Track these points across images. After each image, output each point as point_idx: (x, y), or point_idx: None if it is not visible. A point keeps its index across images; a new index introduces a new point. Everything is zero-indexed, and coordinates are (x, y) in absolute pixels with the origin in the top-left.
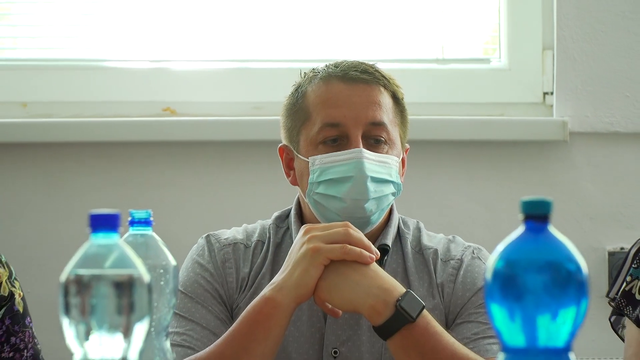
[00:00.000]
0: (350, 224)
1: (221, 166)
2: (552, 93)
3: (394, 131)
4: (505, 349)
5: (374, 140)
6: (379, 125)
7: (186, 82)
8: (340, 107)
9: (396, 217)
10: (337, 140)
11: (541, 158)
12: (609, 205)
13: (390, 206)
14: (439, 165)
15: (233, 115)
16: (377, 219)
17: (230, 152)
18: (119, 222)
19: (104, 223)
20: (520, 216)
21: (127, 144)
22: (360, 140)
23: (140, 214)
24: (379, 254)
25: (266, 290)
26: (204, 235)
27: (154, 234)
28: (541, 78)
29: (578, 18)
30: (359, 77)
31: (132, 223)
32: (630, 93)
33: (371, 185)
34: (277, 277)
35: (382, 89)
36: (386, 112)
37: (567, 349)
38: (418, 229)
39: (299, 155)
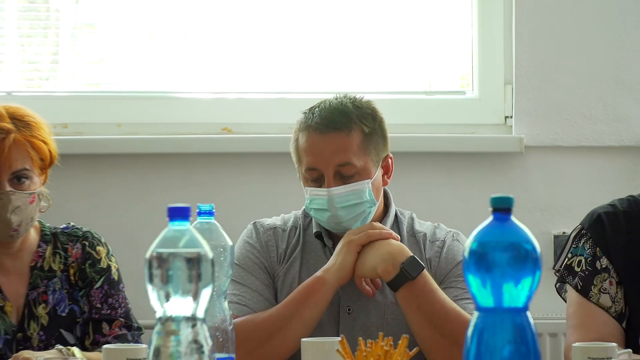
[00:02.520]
0: (374, 223)
1: (266, 172)
2: (511, 117)
3: (362, 162)
4: (478, 308)
5: (344, 176)
6: (345, 165)
7: (239, 108)
8: (316, 156)
9: (393, 209)
10: (317, 179)
11: (504, 166)
12: (554, 200)
13: (384, 200)
14: (426, 171)
15: (274, 133)
16: (361, 224)
17: (273, 161)
18: (190, 213)
19: (179, 214)
20: (489, 209)
21: (195, 155)
22: (332, 179)
23: (205, 207)
24: (398, 236)
25: (318, 272)
26: (252, 222)
27: (216, 222)
28: (503, 105)
29: (530, 61)
30: (327, 130)
31: (200, 214)
32: (569, 117)
33: (342, 213)
34: (326, 264)
35: (346, 136)
36: (352, 152)
37: (525, 308)
38: (411, 218)
39: (301, 181)
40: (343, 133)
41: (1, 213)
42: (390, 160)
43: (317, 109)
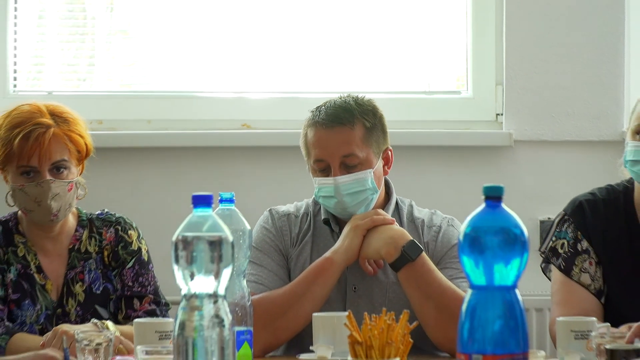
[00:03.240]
0: (379, 210)
1: (281, 164)
2: (502, 114)
3: (364, 153)
4: (472, 286)
5: (348, 166)
6: (349, 156)
7: (257, 106)
8: (322, 149)
9: (394, 197)
10: (325, 169)
11: (495, 158)
12: (540, 189)
13: (386, 189)
14: (425, 163)
15: (288, 129)
16: (365, 210)
17: (287, 154)
18: (212, 200)
19: (202, 201)
20: (482, 197)
21: (217, 148)
22: (338, 169)
23: (226, 195)
24: (394, 220)
25: (327, 253)
26: (268, 209)
27: (235, 209)
28: (494, 104)
29: (519, 64)
30: (332, 124)
31: (221, 201)
32: (554, 114)
33: (347, 199)
34: (334, 246)
35: (350, 130)
36: (355, 144)
37: (514, 286)
38: (411, 206)
39: (310, 172)
40: (347, 127)
41: (42, 200)
42: (390, 153)
43: (323, 107)
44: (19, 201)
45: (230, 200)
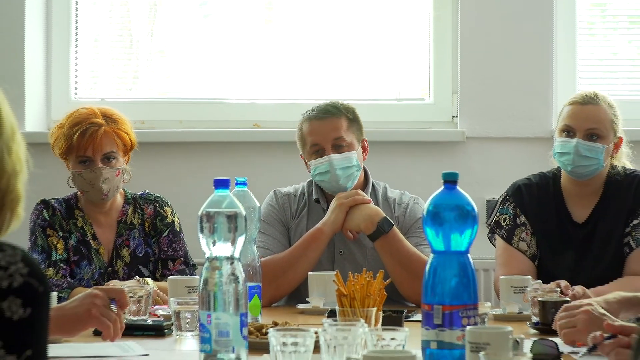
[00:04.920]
0: (358, 190)
1: (284, 155)
2: (457, 116)
3: (349, 138)
4: (433, 251)
5: (338, 146)
6: (338, 139)
7: (265, 109)
8: (317, 135)
9: (371, 181)
10: (319, 151)
11: (451, 151)
12: (486, 175)
13: (363, 174)
14: (396, 155)
15: (291, 128)
16: (352, 185)
17: (289, 148)
18: (229, 184)
19: (221, 184)
20: (441, 181)
21: (234, 143)
22: (331, 150)
23: (240, 179)
24: (370, 200)
25: (318, 224)
26: (273, 190)
27: (248, 190)
28: (451, 108)
29: (470, 76)
30: (324, 116)
31: (237, 184)
32: (499, 116)
33: (339, 172)
34: (324, 219)
35: (338, 118)
36: (343, 130)
37: (466, 251)
38: (385, 187)
39: (306, 161)
40: (335, 117)
41: (95, 183)
42: (366, 143)
43: (313, 108)
44: (77, 184)
45: (244, 184)
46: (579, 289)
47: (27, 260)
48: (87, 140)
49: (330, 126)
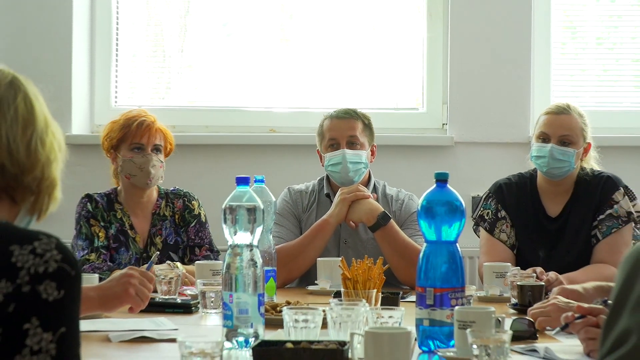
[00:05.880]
0: (359, 186)
1: (297, 157)
2: (446, 124)
3: (362, 139)
4: (426, 241)
5: (352, 144)
6: (353, 137)
7: (280, 117)
8: (335, 131)
9: (373, 179)
10: (334, 145)
11: (442, 154)
12: (472, 175)
13: (367, 174)
14: (393, 157)
15: (303, 133)
16: (358, 179)
17: (302, 151)
18: (249, 181)
19: (242, 181)
20: (434, 180)
21: (253, 146)
22: (345, 145)
23: (259, 177)
24: (372, 195)
25: (324, 216)
26: (287, 187)
27: (265, 186)
28: (441, 117)
29: (458, 89)
30: (344, 116)
31: (255, 181)
32: (483, 124)
33: (350, 165)
34: (329, 211)
35: (355, 120)
36: (358, 131)
37: (455, 241)
38: (384, 185)
39: (322, 154)
40: (353, 119)
41: (145, 167)
42: (374, 148)
43: (336, 110)
44: (127, 169)
45: (262, 181)
46: (552, 274)
47: (61, 248)
48: (143, 129)
49: (347, 125)
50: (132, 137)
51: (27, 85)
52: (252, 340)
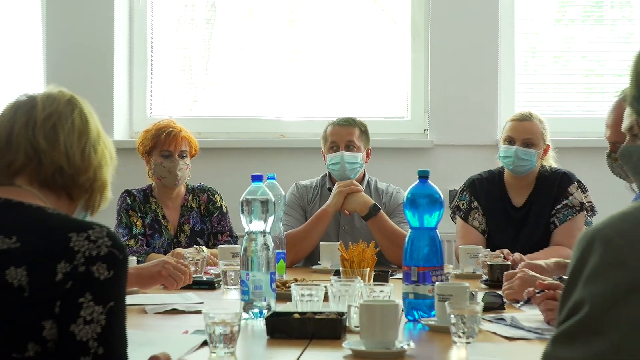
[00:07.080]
0: (353, 181)
1: (304, 159)
2: (427, 129)
3: (359, 143)
4: (411, 227)
5: (350, 147)
6: (350, 142)
7: (289, 124)
8: (336, 136)
9: (366, 176)
10: (334, 148)
11: (424, 155)
12: (450, 172)
13: (362, 172)
14: (383, 158)
15: (309, 137)
16: (354, 176)
17: (308, 153)
18: (262, 178)
19: (257, 178)
20: (417, 176)
21: (266, 149)
22: (343, 148)
23: (271, 175)
24: (362, 189)
25: (323, 206)
26: (294, 183)
27: (276, 183)
28: (423, 124)
29: (437, 100)
30: (343, 124)
31: (268, 178)
32: (459, 129)
33: (347, 165)
34: (327, 202)
35: (353, 128)
36: (355, 137)
37: (435, 227)
38: (376, 181)
39: (325, 154)
40: (351, 126)
41: (173, 170)
42: (369, 151)
43: (338, 118)
44: (158, 172)
45: (273, 178)
46: (517, 255)
47: (111, 235)
48: (171, 139)
49: (346, 132)
50: (161, 145)
51: (82, 103)
52: (265, 311)
